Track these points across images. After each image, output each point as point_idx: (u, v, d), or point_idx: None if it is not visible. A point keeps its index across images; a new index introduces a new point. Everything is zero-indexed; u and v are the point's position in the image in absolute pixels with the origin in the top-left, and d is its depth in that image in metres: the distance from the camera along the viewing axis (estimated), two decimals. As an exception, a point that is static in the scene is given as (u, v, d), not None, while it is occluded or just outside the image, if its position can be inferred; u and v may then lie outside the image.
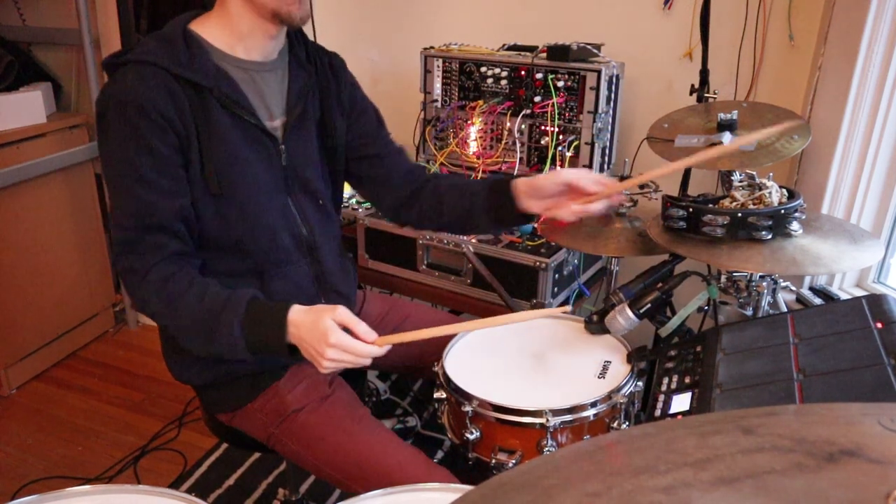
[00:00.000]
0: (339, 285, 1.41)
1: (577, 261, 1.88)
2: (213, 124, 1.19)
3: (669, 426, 0.50)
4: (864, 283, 1.84)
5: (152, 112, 1.13)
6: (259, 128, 1.25)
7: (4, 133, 2.38)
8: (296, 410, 1.30)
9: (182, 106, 1.16)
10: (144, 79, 1.14)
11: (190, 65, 1.17)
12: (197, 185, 1.20)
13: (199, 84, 1.17)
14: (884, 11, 1.55)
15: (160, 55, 1.16)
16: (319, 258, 1.37)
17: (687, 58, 1.97)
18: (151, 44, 1.18)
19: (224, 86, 1.20)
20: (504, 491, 0.45)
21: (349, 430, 1.28)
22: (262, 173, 1.26)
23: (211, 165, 1.20)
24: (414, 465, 1.24)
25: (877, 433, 0.44)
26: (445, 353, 1.39)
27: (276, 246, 1.29)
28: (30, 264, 2.54)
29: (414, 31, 2.37)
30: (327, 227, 1.41)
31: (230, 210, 1.23)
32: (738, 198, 1.33)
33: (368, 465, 1.24)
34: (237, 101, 1.22)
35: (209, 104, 1.19)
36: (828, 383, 0.97)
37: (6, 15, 2.82)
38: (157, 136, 1.14)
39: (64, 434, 2.31)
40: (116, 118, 1.14)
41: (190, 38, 1.20)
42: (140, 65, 1.15)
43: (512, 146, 1.96)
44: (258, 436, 1.35)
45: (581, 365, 1.35)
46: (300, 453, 1.30)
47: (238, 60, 1.24)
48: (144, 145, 1.13)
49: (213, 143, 1.19)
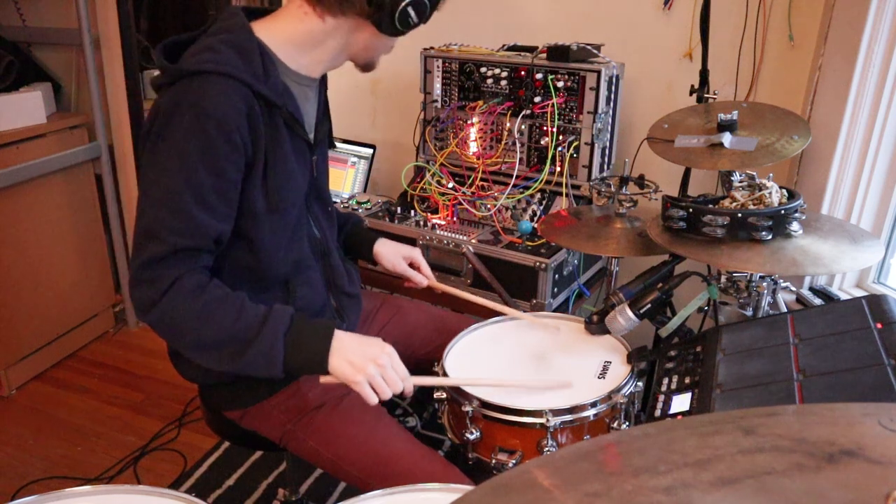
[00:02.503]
0: (347, 287, 1.42)
1: (577, 261, 1.88)
2: (279, 142, 1.18)
3: (669, 426, 0.50)
4: (864, 283, 1.84)
5: (234, 131, 1.08)
6: (307, 143, 1.26)
7: (4, 133, 2.38)
8: (316, 408, 1.31)
9: (257, 125, 1.12)
10: (230, 95, 1.08)
11: (266, 81, 1.13)
12: (259, 204, 1.17)
13: (273, 101, 1.14)
14: (884, 11, 1.55)
15: (242, 69, 1.10)
16: (331, 262, 1.39)
17: (687, 58, 1.97)
18: (229, 53, 1.11)
19: (290, 105, 1.19)
20: (504, 491, 0.45)
21: (369, 426, 1.29)
22: (302, 185, 1.27)
23: (273, 183, 1.18)
24: (431, 463, 1.24)
25: (877, 433, 0.44)
26: (445, 354, 1.39)
27: (301, 254, 1.30)
28: (30, 264, 2.54)
29: (414, 31, 2.37)
30: (334, 232, 1.44)
31: (279, 223, 1.23)
32: (738, 198, 1.33)
33: (388, 461, 1.24)
34: (298, 120, 1.21)
35: (277, 122, 1.17)
36: (828, 383, 0.97)
37: (6, 15, 2.82)
38: (230, 159, 1.10)
39: (64, 434, 2.31)
40: (190, 129, 1.07)
41: (262, 49, 1.15)
42: (225, 78, 1.08)
43: (512, 146, 1.96)
44: (271, 433, 1.35)
45: (581, 365, 1.35)
46: (318, 450, 1.30)
47: (298, 76, 1.22)
48: (215, 165, 1.09)
49: (277, 162, 1.18)
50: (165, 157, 1.09)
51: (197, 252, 1.13)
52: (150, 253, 1.10)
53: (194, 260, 1.13)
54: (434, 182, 2.04)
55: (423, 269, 1.56)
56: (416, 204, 2.05)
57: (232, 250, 1.21)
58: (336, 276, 1.40)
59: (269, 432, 1.35)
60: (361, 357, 1.13)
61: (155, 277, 1.10)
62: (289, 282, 1.29)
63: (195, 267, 1.13)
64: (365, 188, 2.40)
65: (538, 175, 1.92)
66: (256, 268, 1.23)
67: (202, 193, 1.09)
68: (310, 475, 2.05)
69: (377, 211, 2.04)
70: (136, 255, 1.11)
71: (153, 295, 1.10)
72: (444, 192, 2.01)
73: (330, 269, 1.39)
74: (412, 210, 2.04)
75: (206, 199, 1.10)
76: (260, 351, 1.11)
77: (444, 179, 2.03)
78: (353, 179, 2.42)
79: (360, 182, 2.40)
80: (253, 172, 1.15)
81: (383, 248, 1.56)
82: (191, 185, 1.08)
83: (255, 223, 1.19)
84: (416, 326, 1.57)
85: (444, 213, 1.99)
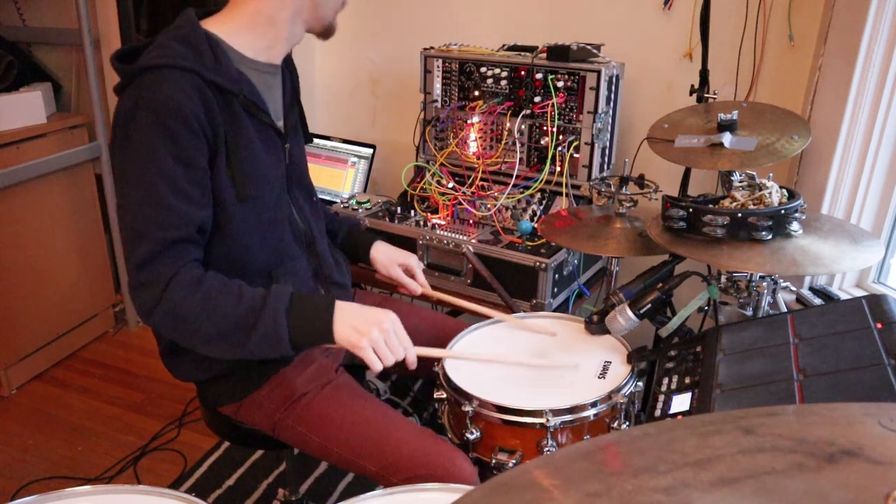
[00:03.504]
0: (336, 276, 1.44)
1: (577, 261, 1.88)
2: (240, 129, 1.19)
3: (669, 426, 0.50)
4: (864, 283, 1.84)
5: (192, 120, 1.10)
6: (274, 129, 1.27)
7: (4, 133, 2.37)
8: (304, 394, 1.32)
9: (214, 111, 1.14)
10: (180, 85, 1.10)
11: (217, 69, 1.15)
12: (226, 192, 1.19)
13: (226, 89, 1.16)
14: (884, 11, 1.55)
15: (191, 59, 1.13)
16: (317, 252, 1.40)
17: (687, 58, 1.97)
18: (177, 47, 1.14)
19: (247, 90, 1.19)
20: (504, 491, 0.45)
21: (356, 408, 1.30)
22: (274, 174, 1.28)
23: (238, 170, 1.19)
24: (420, 438, 1.24)
25: (877, 433, 0.44)
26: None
27: (282, 244, 1.32)
28: (30, 264, 2.54)
29: (414, 31, 2.37)
30: (320, 222, 1.46)
31: (251, 213, 1.24)
32: (738, 198, 1.33)
33: (377, 439, 1.25)
34: (258, 105, 1.22)
35: (235, 109, 1.18)
36: (828, 383, 0.97)
37: (6, 15, 2.82)
38: (195, 147, 1.12)
39: (64, 434, 2.31)
40: (150, 124, 1.09)
41: (210, 40, 1.17)
42: (174, 70, 1.11)
43: (512, 146, 1.96)
44: (263, 425, 1.36)
45: (581, 365, 1.35)
46: (307, 435, 1.31)
47: (255, 63, 1.24)
48: (182, 155, 1.11)
49: (240, 149, 1.19)
50: (134, 157, 1.11)
51: (184, 244, 1.14)
52: (141, 253, 1.11)
53: (184, 254, 1.14)
54: (434, 182, 2.04)
55: (418, 276, 1.57)
56: (416, 204, 2.05)
57: (209, 245, 1.23)
58: (324, 266, 1.41)
59: (262, 423, 1.36)
60: (365, 322, 1.15)
61: (151, 279, 1.12)
62: (272, 272, 1.30)
63: (187, 262, 1.14)
64: (365, 188, 2.40)
65: (538, 175, 1.92)
66: (235, 258, 1.25)
67: (176, 183, 1.11)
68: (310, 475, 2.05)
69: (377, 211, 2.04)
70: (129, 261, 1.13)
71: (153, 296, 1.12)
72: (444, 192, 2.01)
73: (316, 259, 1.40)
74: (412, 210, 2.04)
75: (182, 188, 1.12)
76: (265, 331, 1.12)
77: (444, 179, 2.03)
78: (353, 179, 2.42)
79: (360, 182, 2.40)
80: (217, 160, 1.17)
81: (379, 253, 1.57)
82: (164, 178, 1.10)
83: (226, 212, 1.20)
84: (416, 329, 1.56)
85: (444, 213, 1.99)
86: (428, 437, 1.26)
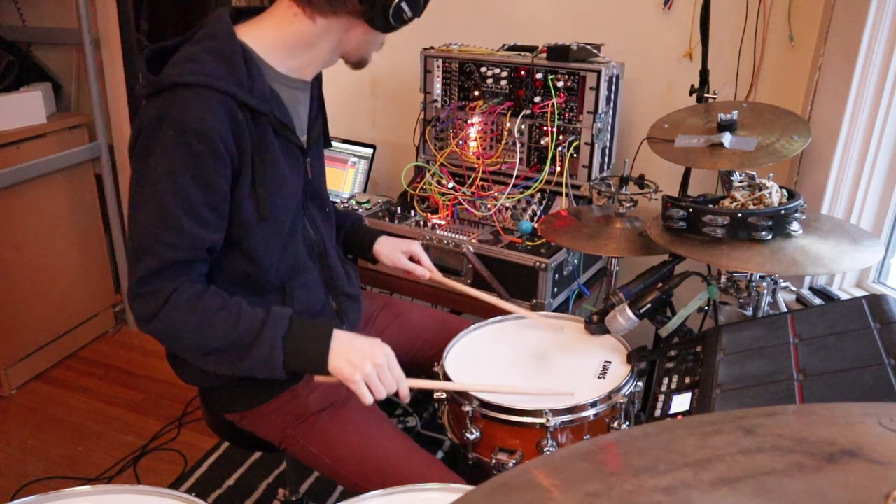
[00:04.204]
0: (346, 288, 1.42)
1: (577, 261, 1.88)
2: (267, 149, 1.17)
3: (669, 426, 0.50)
4: (864, 283, 1.84)
5: (218, 143, 1.07)
6: (299, 147, 1.25)
7: (4, 133, 2.37)
8: (316, 412, 1.30)
9: (242, 134, 1.11)
10: (211, 106, 1.07)
11: (251, 89, 1.11)
12: (248, 212, 1.17)
13: (258, 109, 1.13)
14: (884, 11, 1.55)
15: (224, 78, 1.08)
16: (329, 263, 1.38)
17: (687, 58, 1.97)
18: (211, 62, 1.09)
19: (278, 111, 1.17)
20: (504, 491, 0.45)
21: (370, 433, 1.28)
22: (296, 190, 1.26)
23: (262, 190, 1.17)
24: (430, 470, 1.23)
25: (877, 433, 0.44)
26: (445, 354, 1.39)
27: (296, 258, 1.30)
28: (30, 264, 2.54)
29: (414, 31, 2.36)
30: (331, 233, 1.43)
31: (271, 231, 1.22)
32: (738, 198, 1.33)
33: (388, 469, 1.23)
34: (287, 125, 1.20)
35: (264, 129, 1.16)
36: (828, 383, 0.97)
37: (6, 15, 2.82)
38: (217, 170, 1.09)
39: (64, 434, 2.31)
40: (174, 143, 1.06)
41: (246, 54, 1.13)
42: (206, 90, 1.07)
43: (512, 146, 1.96)
44: (270, 436, 1.35)
45: (581, 365, 1.35)
46: (318, 455, 1.29)
47: (288, 79, 1.20)
48: (203, 178, 1.08)
49: (266, 168, 1.17)
50: (153, 172, 1.08)
51: (191, 263, 1.13)
52: (146, 267, 1.10)
53: (189, 271, 1.13)
54: (434, 182, 2.04)
55: (424, 261, 1.55)
56: (416, 204, 2.05)
57: (225, 259, 1.21)
58: (335, 278, 1.39)
59: (269, 435, 1.35)
60: (359, 356, 1.13)
61: (152, 291, 1.11)
62: (285, 286, 1.28)
63: (190, 277, 1.13)
64: (365, 188, 2.40)
65: (538, 175, 1.92)
66: (251, 275, 1.23)
67: (193, 207, 1.09)
68: (310, 475, 2.05)
69: (377, 211, 2.04)
70: (132, 271, 1.12)
71: (152, 308, 1.11)
72: (444, 192, 2.01)
73: (328, 271, 1.38)
74: (412, 210, 2.04)
75: (198, 212, 1.10)
76: (260, 355, 1.12)
77: (444, 179, 2.03)
78: (353, 179, 2.42)
79: (360, 182, 2.40)
80: (241, 181, 1.14)
81: (382, 246, 1.55)
82: (181, 200, 1.08)
83: (247, 232, 1.18)
84: (417, 328, 1.56)
85: (444, 213, 1.99)
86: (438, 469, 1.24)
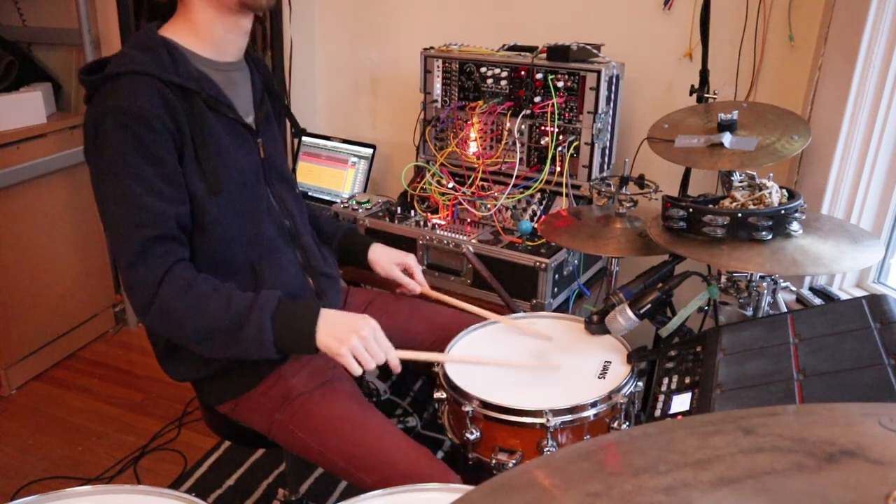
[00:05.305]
0: (323, 268, 1.46)
1: (577, 261, 1.88)
2: (204, 125, 1.23)
3: (669, 426, 0.50)
4: (864, 283, 1.84)
5: (155, 121, 1.15)
6: (241, 124, 1.31)
7: (4, 133, 2.37)
8: (301, 394, 1.32)
9: (176, 111, 1.18)
10: (140, 89, 1.15)
11: (176, 71, 1.20)
12: (197, 187, 1.22)
13: (188, 88, 1.20)
14: (884, 11, 1.55)
15: (149, 64, 1.18)
16: (303, 244, 1.43)
17: (687, 58, 1.97)
18: (135, 54, 1.19)
19: (208, 88, 1.24)
20: (504, 491, 0.45)
21: (357, 419, 1.30)
22: (247, 167, 1.31)
23: (208, 165, 1.23)
24: (416, 459, 1.25)
25: (877, 433, 0.44)
26: (446, 354, 1.39)
27: (263, 237, 1.34)
28: (30, 264, 2.53)
29: (414, 31, 2.37)
30: (303, 215, 1.48)
31: (226, 206, 1.26)
32: (738, 198, 1.33)
33: (375, 455, 1.25)
34: (221, 101, 1.26)
35: (198, 107, 1.22)
36: (828, 383, 0.97)
37: (6, 15, 2.82)
38: (162, 146, 1.16)
39: (64, 434, 2.31)
40: (117, 130, 1.14)
41: (168, 45, 1.23)
42: (132, 75, 1.16)
43: (512, 146, 1.96)
44: (260, 425, 1.36)
45: (581, 365, 1.35)
46: (305, 440, 1.31)
47: (213, 63, 1.28)
48: (150, 155, 1.15)
49: (207, 144, 1.23)
50: (107, 165, 1.16)
51: (166, 242, 1.18)
52: (126, 255, 1.16)
53: (170, 253, 1.18)
54: (434, 182, 2.04)
55: (417, 275, 1.58)
56: (416, 204, 2.05)
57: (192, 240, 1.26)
58: (310, 258, 1.43)
59: (259, 423, 1.36)
60: (345, 330, 1.18)
61: (142, 279, 1.17)
62: (254, 265, 1.32)
63: (174, 262, 1.18)
64: (365, 188, 2.40)
65: (538, 175, 1.92)
66: (217, 253, 1.28)
67: (149, 183, 1.16)
68: (310, 475, 2.05)
69: (377, 211, 2.04)
70: (119, 265, 1.19)
71: (146, 296, 1.17)
72: (444, 192, 2.01)
73: (303, 251, 1.42)
74: (412, 210, 2.04)
75: (155, 187, 1.17)
76: (250, 336, 1.17)
77: (444, 179, 2.03)
78: (353, 179, 2.42)
79: (360, 182, 2.40)
80: (185, 156, 1.21)
81: (377, 254, 1.58)
82: (137, 179, 1.15)
83: (200, 206, 1.23)
84: (408, 323, 1.58)
85: (444, 213, 1.99)
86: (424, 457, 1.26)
